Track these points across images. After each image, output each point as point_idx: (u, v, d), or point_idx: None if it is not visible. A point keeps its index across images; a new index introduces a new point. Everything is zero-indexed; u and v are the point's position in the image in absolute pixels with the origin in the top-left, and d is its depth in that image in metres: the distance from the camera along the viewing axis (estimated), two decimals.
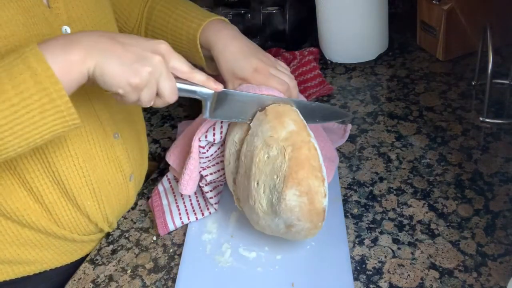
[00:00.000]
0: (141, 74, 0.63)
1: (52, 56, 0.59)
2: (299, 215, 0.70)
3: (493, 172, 0.87)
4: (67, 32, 0.74)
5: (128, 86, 0.63)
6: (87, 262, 0.85)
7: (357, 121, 1.06)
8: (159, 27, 0.92)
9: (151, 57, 0.64)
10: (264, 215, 0.74)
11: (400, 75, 1.19)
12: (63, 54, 0.60)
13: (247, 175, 0.75)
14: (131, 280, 0.80)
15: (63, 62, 0.59)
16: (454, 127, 0.99)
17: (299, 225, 0.71)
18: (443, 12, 1.14)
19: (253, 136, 0.75)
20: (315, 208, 0.70)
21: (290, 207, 0.70)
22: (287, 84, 0.80)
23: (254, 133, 0.75)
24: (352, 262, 0.76)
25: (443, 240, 0.77)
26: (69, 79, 0.60)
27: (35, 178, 0.76)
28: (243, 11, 1.31)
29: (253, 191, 0.74)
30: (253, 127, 0.76)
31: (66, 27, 0.74)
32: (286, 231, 0.74)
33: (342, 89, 1.18)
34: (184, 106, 1.23)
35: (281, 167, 0.70)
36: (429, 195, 0.85)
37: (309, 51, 1.25)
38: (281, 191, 0.70)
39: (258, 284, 0.75)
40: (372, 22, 1.22)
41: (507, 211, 0.80)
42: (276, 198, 0.71)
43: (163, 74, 0.65)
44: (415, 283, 0.72)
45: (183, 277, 0.78)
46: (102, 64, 0.61)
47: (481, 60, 1.04)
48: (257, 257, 0.79)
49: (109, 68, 0.61)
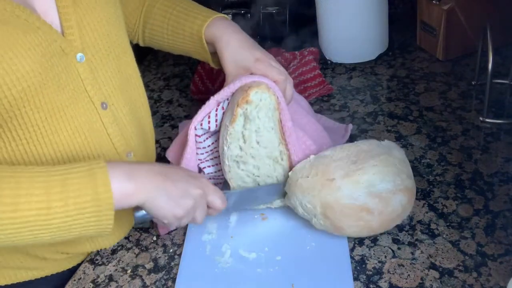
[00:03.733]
0: (184, 207, 0.72)
1: (115, 181, 0.65)
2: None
3: (493, 172, 0.87)
4: (82, 60, 0.74)
5: (172, 218, 0.72)
6: (87, 262, 0.85)
7: (357, 121, 1.06)
8: (158, 24, 0.93)
9: (194, 192, 0.73)
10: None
11: (400, 75, 1.19)
12: (123, 184, 0.66)
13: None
14: (131, 280, 0.80)
15: (120, 193, 0.66)
16: (454, 127, 0.99)
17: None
18: (443, 12, 1.14)
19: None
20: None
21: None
22: (285, 74, 0.84)
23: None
24: (352, 262, 0.76)
25: (443, 240, 0.77)
26: (119, 206, 0.66)
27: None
28: (243, 11, 1.31)
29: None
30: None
31: (81, 54, 0.74)
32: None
33: (342, 89, 1.18)
34: (184, 106, 1.23)
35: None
36: (429, 195, 0.85)
37: (309, 51, 1.25)
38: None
39: (258, 285, 0.75)
40: (372, 22, 1.22)
41: (507, 211, 0.80)
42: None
43: (200, 206, 0.74)
44: (415, 283, 0.72)
45: (183, 277, 0.78)
46: (152, 199, 0.69)
47: (481, 60, 1.04)
48: (257, 258, 0.79)
49: (158, 203, 0.70)
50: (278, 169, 0.84)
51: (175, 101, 1.26)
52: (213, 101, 0.82)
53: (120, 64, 0.82)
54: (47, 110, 0.70)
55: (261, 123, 0.79)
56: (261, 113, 0.79)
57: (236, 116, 0.78)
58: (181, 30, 0.90)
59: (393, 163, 0.78)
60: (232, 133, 0.79)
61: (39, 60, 0.67)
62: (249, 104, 0.77)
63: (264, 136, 0.80)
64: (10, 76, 0.64)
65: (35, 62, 0.66)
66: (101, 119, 0.78)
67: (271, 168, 0.83)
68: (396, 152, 0.81)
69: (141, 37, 0.98)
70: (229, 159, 0.81)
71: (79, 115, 0.74)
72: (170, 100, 1.27)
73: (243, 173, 0.83)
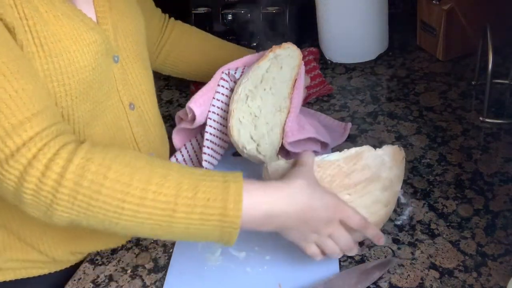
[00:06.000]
0: (309, 248, 0.70)
1: (247, 196, 0.63)
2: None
3: (493, 172, 0.87)
4: (117, 61, 0.80)
5: (303, 244, 0.70)
6: (87, 262, 0.85)
7: (357, 121, 1.06)
8: (188, 55, 1.09)
9: (325, 231, 0.68)
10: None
11: (400, 75, 1.19)
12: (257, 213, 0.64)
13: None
14: (131, 280, 0.80)
15: (252, 214, 0.64)
16: (454, 127, 0.99)
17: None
18: (443, 12, 1.14)
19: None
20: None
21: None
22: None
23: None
24: (352, 262, 0.76)
25: (443, 240, 0.77)
26: (247, 223, 0.64)
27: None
28: (243, 11, 1.31)
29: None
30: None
31: (116, 55, 0.79)
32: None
33: (342, 89, 1.18)
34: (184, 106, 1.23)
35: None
36: (429, 195, 0.85)
37: (309, 51, 1.25)
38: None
39: (245, 283, 0.76)
40: (372, 22, 1.22)
41: (507, 211, 0.80)
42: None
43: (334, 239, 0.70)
44: (415, 283, 0.72)
45: (173, 274, 0.79)
46: (281, 233, 0.68)
47: (481, 60, 1.04)
48: (246, 257, 0.80)
49: (288, 236, 0.69)
50: (277, 116, 0.89)
51: (175, 101, 1.26)
52: (245, 60, 0.93)
53: (147, 69, 0.88)
54: (90, 103, 0.74)
55: (281, 73, 0.90)
56: (284, 64, 0.90)
57: (266, 57, 0.89)
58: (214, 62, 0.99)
59: (369, 192, 0.73)
60: (256, 69, 0.88)
61: (93, 56, 0.72)
62: (282, 50, 0.90)
63: (277, 85, 0.89)
64: (71, 67, 0.69)
65: (90, 57, 0.72)
66: (128, 118, 0.82)
67: (271, 114, 0.88)
68: (385, 172, 0.75)
69: (160, 60, 1.08)
70: (243, 90, 0.87)
71: (108, 112, 0.79)
72: (170, 100, 1.27)
73: (247, 109, 0.87)
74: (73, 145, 0.62)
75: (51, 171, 0.59)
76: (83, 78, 0.71)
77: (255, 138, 0.87)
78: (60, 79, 0.68)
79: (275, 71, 0.89)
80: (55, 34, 0.68)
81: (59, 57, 0.68)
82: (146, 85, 0.86)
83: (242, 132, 0.86)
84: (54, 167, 0.59)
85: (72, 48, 0.70)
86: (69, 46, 0.69)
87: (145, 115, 0.86)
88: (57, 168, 0.59)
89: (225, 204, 0.61)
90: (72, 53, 0.69)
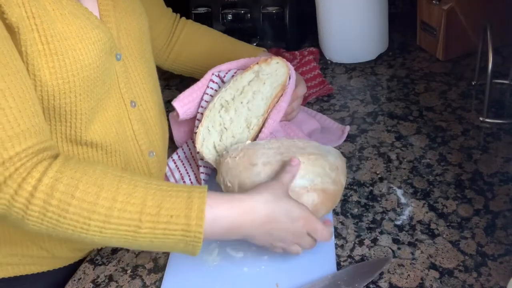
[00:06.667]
0: (277, 249, 0.74)
1: (210, 211, 0.66)
2: None
3: (493, 172, 0.87)
4: (119, 59, 0.80)
5: (270, 248, 0.74)
6: (87, 262, 0.85)
7: (357, 121, 1.06)
8: (198, 54, 1.08)
9: (291, 241, 0.73)
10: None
11: (400, 75, 1.19)
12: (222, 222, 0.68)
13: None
14: (131, 280, 0.80)
15: (214, 228, 0.67)
16: (454, 127, 0.99)
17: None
18: (443, 12, 1.14)
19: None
20: None
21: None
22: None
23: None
24: (352, 263, 0.76)
25: (443, 240, 0.77)
26: (210, 235, 0.67)
27: None
28: (243, 11, 1.31)
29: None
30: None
31: (119, 53, 0.80)
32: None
33: (342, 89, 1.18)
34: None
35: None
36: (429, 195, 0.85)
37: (309, 51, 1.25)
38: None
39: (243, 283, 0.76)
40: (372, 22, 1.22)
41: (507, 211, 0.80)
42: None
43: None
44: (415, 283, 0.72)
45: (170, 274, 0.79)
46: (248, 240, 0.72)
47: (481, 60, 1.04)
48: (244, 257, 0.80)
49: (255, 242, 0.73)
50: (244, 133, 0.87)
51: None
52: (239, 63, 0.92)
53: (150, 68, 0.88)
54: (93, 101, 0.75)
55: (262, 89, 0.86)
56: (268, 81, 0.86)
57: (250, 69, 0.86)
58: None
59: (321, 165, 0.78)
60: (238, 80, 0.86)
61: (98, 54, 0.73)
62: (267, 66, 0.86)
63: (255, 100, 0.87)
64: (77, 64, 0.70)
65: (95, 55, 0.72)
66: (129, 116, 0.82)
67: (240, 129, 0.87)
68: (332, 158, 0.80)
69: (170, 60, 1.09)
70: (219, 100, 0.86)
71: (110, 109, 0.79)
72: (170, 100, 1.26)
73: (219, 119, 0.87)
74: (46, 163, 0.65)
75: (23, 190, 0.62)
76: (88, 75, 0.72)
77: (218, 149, 0.87)
78: (65, 77, 0.69)
79: (256, 86, 0.87)
80: (61, 33, 0.69)
81: (65, 55, 0.69)
82: (148, 84, 0.86)
83: (207, 140, 0.86)
84: (25, 186, 0.62)
85: (78, 46, 0.70)
86: (74, 44, 0.70)
87: (147, 113, 0.86)
88: (29, 187, 0.62)
89: (187, 221, 0.65)
90: (78, 51, 0.70)
